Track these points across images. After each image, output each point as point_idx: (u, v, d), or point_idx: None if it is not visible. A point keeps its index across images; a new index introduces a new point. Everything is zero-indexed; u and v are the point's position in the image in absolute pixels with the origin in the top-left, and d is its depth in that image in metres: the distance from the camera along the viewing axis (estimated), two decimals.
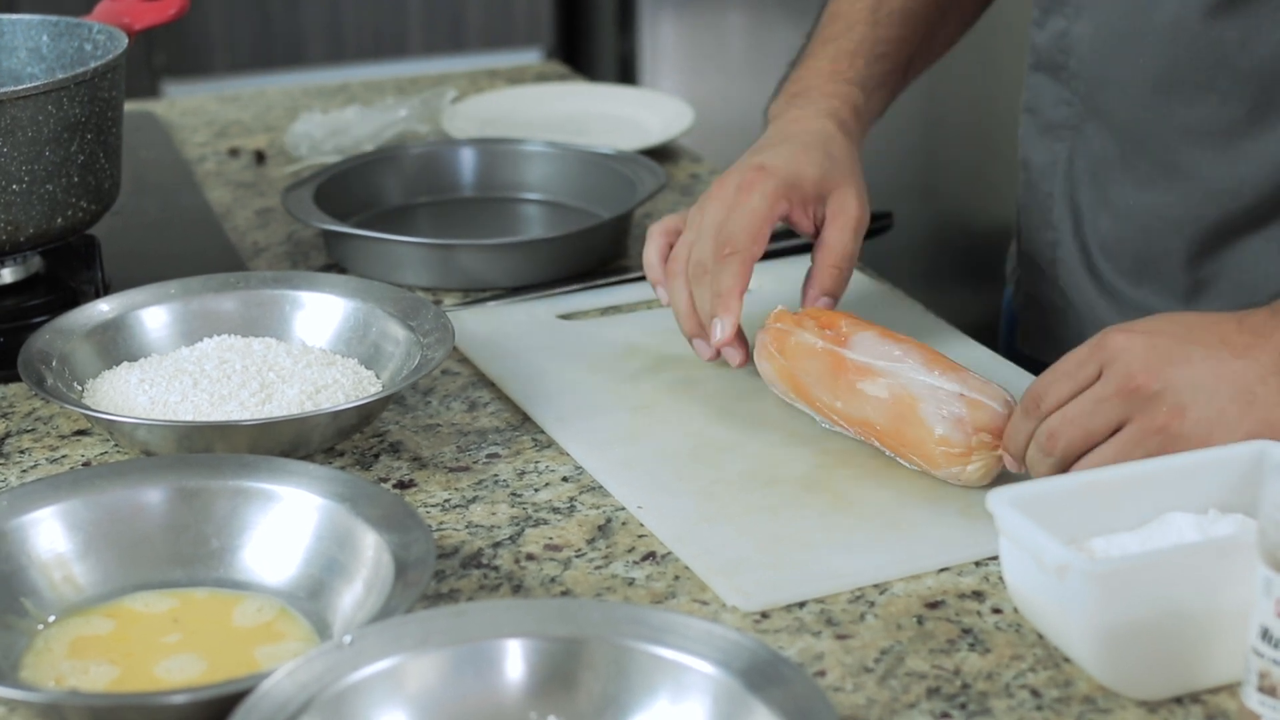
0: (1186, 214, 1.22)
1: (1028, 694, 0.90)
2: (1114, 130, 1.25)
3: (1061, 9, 1.26)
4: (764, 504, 1.07)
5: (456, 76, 1.98)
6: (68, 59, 1.38)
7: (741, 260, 1.17)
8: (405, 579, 0.91)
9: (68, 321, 1.21)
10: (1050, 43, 1.28)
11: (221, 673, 0.91)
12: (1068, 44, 1.26)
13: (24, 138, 1.23)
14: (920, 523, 1.05)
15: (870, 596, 0.99)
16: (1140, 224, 1.25)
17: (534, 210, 1.57)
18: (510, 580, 1.01)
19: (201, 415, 1.12)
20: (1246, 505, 0.94)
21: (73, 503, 1.00)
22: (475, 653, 0.85)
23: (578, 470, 1.13)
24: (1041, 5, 1.29)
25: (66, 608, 0.97)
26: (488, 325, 1.33)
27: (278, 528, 1.00)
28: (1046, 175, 1.32)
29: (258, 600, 0.98)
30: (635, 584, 1.01)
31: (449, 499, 1.10)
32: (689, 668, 0.83)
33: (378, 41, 3.08)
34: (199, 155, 1.74)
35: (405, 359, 1.18)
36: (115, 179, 1.34)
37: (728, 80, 3.15)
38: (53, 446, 1.17)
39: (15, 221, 1.26)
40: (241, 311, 1.24)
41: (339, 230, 1.41)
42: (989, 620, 0.96)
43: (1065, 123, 1.29)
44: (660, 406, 1.20)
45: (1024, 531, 0.89)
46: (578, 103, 1.83)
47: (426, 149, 1.61)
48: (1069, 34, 1.26)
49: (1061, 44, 1.26)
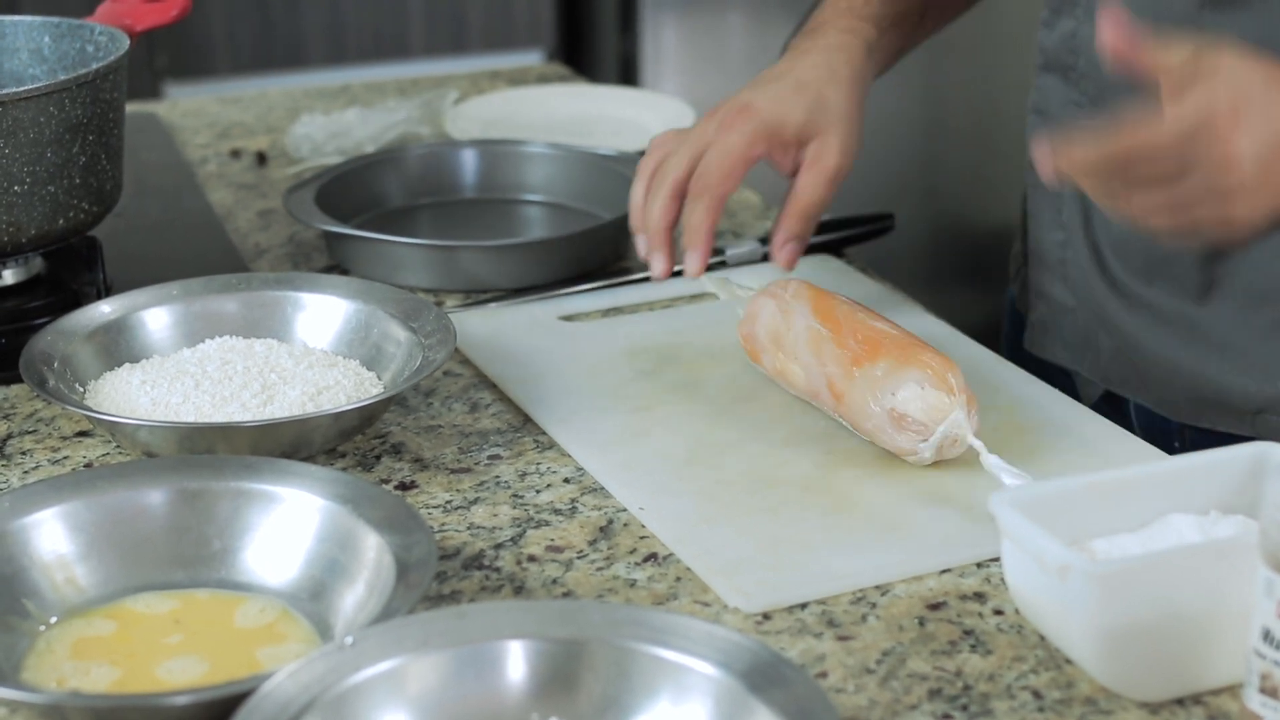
0: None
1: (1029, 695, 0.90)
2: None
3: (1071, 10, 1.26)
4: (765, 505, 1.07)
5: (458, 78, 1.98)
6: (69, 60, 1.38)
7: (712, 197, 1.20)
8: (407, 580, 0.92)
9: (69, 323, 1.21)
10: (1059, 43, 1.28)
11: (223, 674, 0.91)
12: (1077, 45, 1.26)
13: (26, 139, 1.23)
14: (921, 524, 1.05)
15: (872, 598, 0.99)
16: None
17: (535, 211, 1.57)
18: (512, 582, 1.01)
19: (203, 416, 1.12)
20: (1248, 506, 0.94)
21: (74, 504, 1.00)
22: (477, 654, 0.85)
23: (579, 471, 1.13)
24: (1051, 6, 1.29)
25: (68, 609, 0.97)
26: (489, 327, 1.33)
27: (279, 529, 1.00)
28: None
29: (259, 601, 0.98)
30: (637, 585, 1.01)
31: (450, 500, 1.10)
32: (690, 669, 0.83)
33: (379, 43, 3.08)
34: (201, 157, 1.74)
35: (407, 360, 1.18)
36: (117, 180, 1.34)
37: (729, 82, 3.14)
38: (54, 448, 1.17)
39: (17, 223, 1.26)
40: (243, 313, 1.24)
41: (341, 231, 1.41)
42: (990, 622, 0.96)
43: (1074, 123, 1.28)
44: (661, 408, 1.20)
45: (1025, 533, 0.90)
46: (579, 104, 1.83)
47: (428, 150, 1.61)
48: (1078, 35, 1.25)
49: (1071, 45, 1.26)
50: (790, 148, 1.23)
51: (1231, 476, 0.95)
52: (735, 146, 1.21)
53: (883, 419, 1.09)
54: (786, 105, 1.22)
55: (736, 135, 1.21)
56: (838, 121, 1.23)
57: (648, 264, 1.25)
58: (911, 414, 1.08)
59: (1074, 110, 1.28)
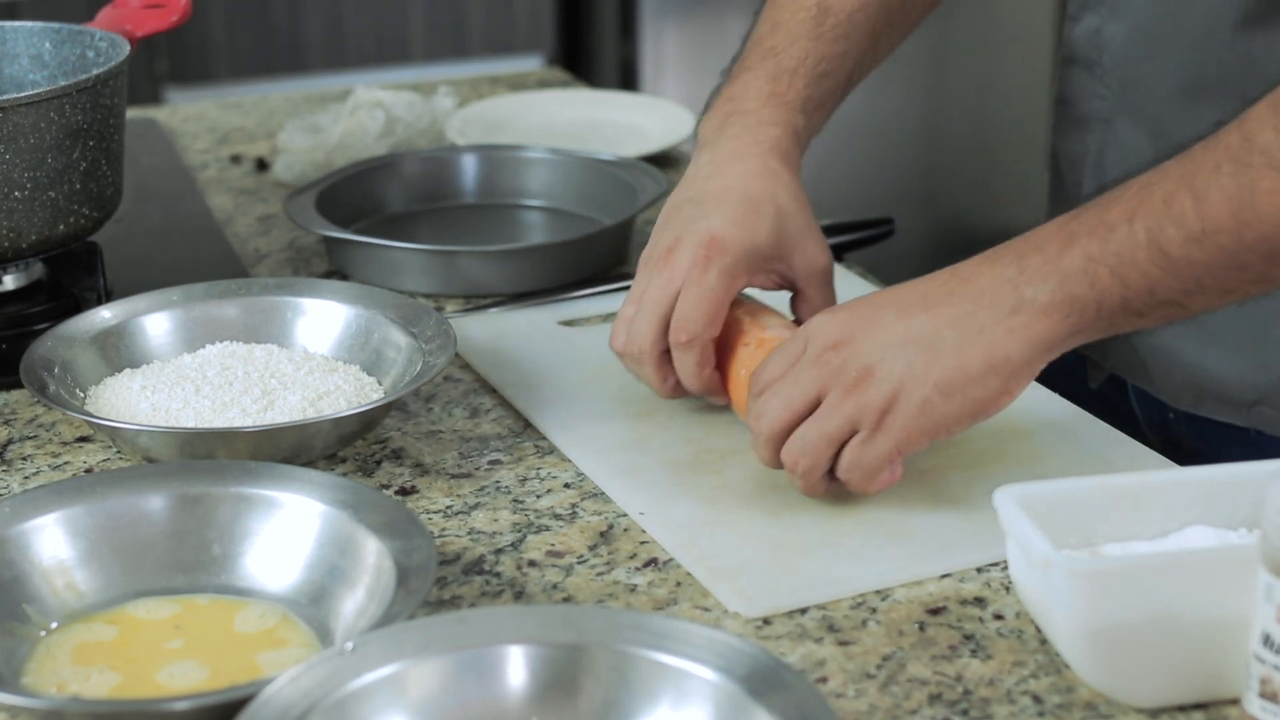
0: None
1: (1029, 700, 0.90)
2: (1144, 127, 1.25)
3: (1097, 7, 1.26)
4: (765, 510, 1.08)
5: (458, 83, 1.98)
6: (70, 66, 1.38)
7: (702, 346, 1.13)
8: (407, 585, 0.92)
9: (70, 328, 1.21)
10: (1084, 38, 1.28)
11: (223, 679, 0.91)
12: (1101, 41, 1.26)
13: (26, 145, 1.23)
14: (921, 529, 1.05)
15: (872, 602, 0.99)
16: None
17: (536, 217, 1.58)
18: (512, 587, 1.01)
19: (203, 422, 1.12)
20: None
21: (75, 509, 1.00)
22: (477, 659, 0.85)
23: (579, 476, 1.13)
24: (1078, 0, 1.29)
25: (69, 614, 0.97)
26: (489, 332, 1.33)
27: (280, 534, 1.00)
28: (1076, 165, 1.32)
29: (260, 607, 0.98)
30: (637, 590, 1.01)
31: (451, 505, 1.10)
32: (691, 674, 0.83)
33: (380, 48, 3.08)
34: (201, 162, 1.74)
35: (407, 365, 1.18)
36: (117, 186, 1.34)
37: None
38: (55, 453, 1.17)
39: (17, 228, 1.26)
40: (243, 318, 1.24)
41: (341, 237, 1.41)
42: (991, 626, 0.96)
43: (1097, 115, 1.29)
44: (662, 413, 1.20)
45: (1018, 527, 0.90)
46: (579, 109, 1.83)
47: (428, 156, 1.61)
48: (1102, 31, 1.26)
49: (1095, 40, 1.27)
50: (771, 267, 1.17)
51: (1258, 491, 0.92)
52: (715, 288, 1.12)
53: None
54: (752, 228, 1.15)
55: (714, 275, 1.12)
56: (804, 223, 1.17)
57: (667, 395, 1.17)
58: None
59: (1097, 103, 1.28)
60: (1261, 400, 1.21)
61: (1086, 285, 0.99)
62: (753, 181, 1.17)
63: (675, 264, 1.13)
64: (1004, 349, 1.00)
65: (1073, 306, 0.99)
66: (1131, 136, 1.26)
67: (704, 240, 1.13)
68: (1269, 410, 1.21)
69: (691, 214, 1.16)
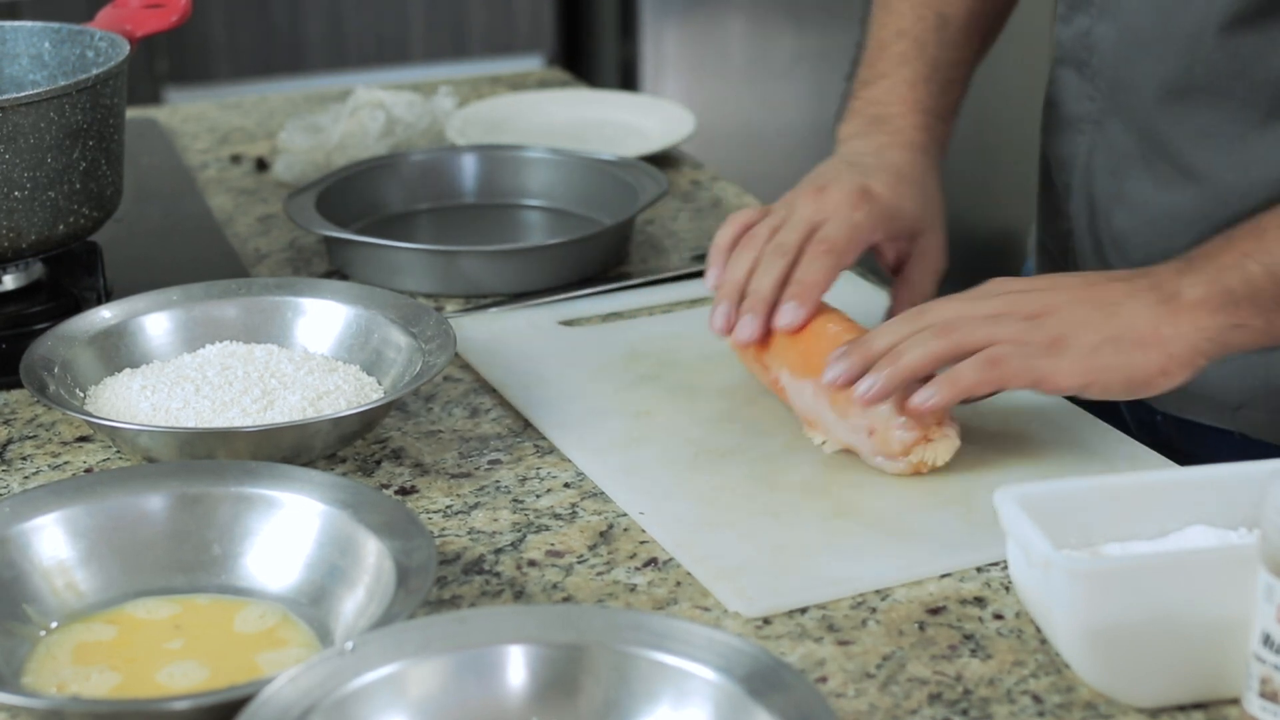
0: (1198, 213, 1.22)
1: (1029, 700, 0.90)
2: (1134, 128, 1.25)
3: (1086, 8, 1.26)
4: (765, 510, 1.08)
5: (458, 83, 1.98)
6: (70, 66, 1.38)
7: (838, 258, 1.17)
8: (407, 585, 0.92)
9: (70, 328, 1.21)
10: (1074, 39, 1.28)
11: (223, 679, 0.91)
12: (1091, 42, 1.26)
13: (26, 144, 1.24)
14: (921, 528, 1.05)
15: (872, 602, 0.99)
16: (1153, 220, 1.25)
17: (536, 217, 1.58)
18: (512, 586, 1.01)
19: (203, 422, 1.12)
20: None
21: (75, 509, 1.00)
22: (477, 659, 0.85)
23: (579, 476, 1.13)
24: (1068, 2, 1.29)
25: (69, 614, 0.97)
26: (489, 331, 1.33)
27: (280, 534, 1.00)
28: (1065, 167, 1.32)
29: (260, 607, 0.98)
30: (637, 590, 1.01)
31: (451, 505, 1.10)
32: (690, 674, 0.83)
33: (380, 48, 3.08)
34: (201, 162, 1.74)
35: (407, 365, 1.18)
36: (117, 186, 1.34)
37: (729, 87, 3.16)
38: (55, 453, 1.17)
39: (17, 228, 1.26)
40: (243, 318, 1.24)
41: (341, 237, 1.41)
42: (990, 626, 0.96)
43: (1087, 117, 1.29)
44: (662, 412, 1.20)
45: (1017, 526, 0.90)
46: (579, 109, 1.83)
47: (428, 155, 1.61)
48: (1092, 33, 1.26)
49: (1085, 41, 1.27)
50: (901, 239, 1.23)
51: (1258, 491, 0.92)
52: (861, 225, 1.19)
53: (861, 441, 1.10)
54: (902, 195, 1.22)
55: (862, 215, 1.19)
56: (939, 218, 1.25)
57: (722, 327, 1.17)
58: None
59: (1087, 104, 1.28)
60: (1247, 404, 1.22)
61: (1239, 279, 1.06)
62: (907, 166, 1.25)
63: (827, 197, 1.20)
64: (1169, 327, 1.05)
65: (1226, 298, 1.05)
66: (1120, 138, 1.26)
67: (858, 187, 1.20)
68: (1254, 413, 1.22)
69: (845, 171, 1.22)
